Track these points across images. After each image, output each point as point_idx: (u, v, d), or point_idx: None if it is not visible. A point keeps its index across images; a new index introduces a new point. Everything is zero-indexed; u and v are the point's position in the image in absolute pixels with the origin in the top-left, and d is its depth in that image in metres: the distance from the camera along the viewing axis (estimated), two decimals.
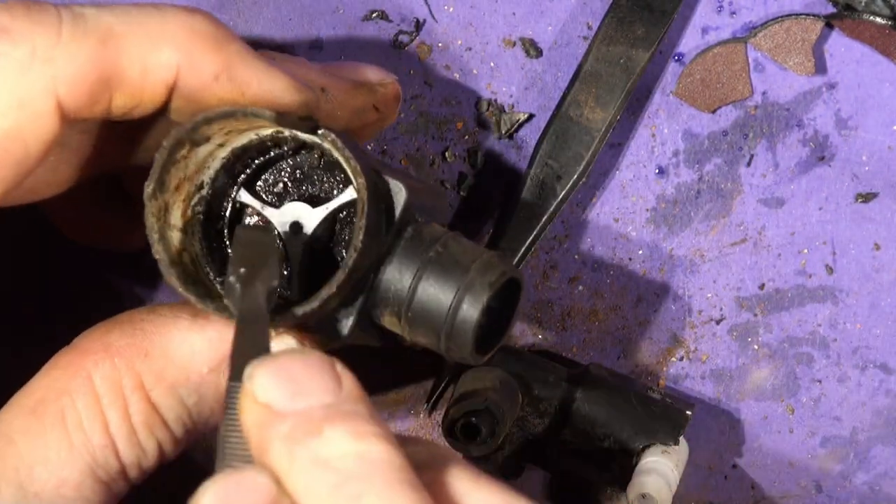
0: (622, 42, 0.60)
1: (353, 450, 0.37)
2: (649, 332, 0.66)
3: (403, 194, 0.46)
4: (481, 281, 0.46)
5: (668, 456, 0.61)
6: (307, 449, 0.37)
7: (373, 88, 0.53)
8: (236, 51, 0.45)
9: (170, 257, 0.45)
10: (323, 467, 0.36)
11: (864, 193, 0.64)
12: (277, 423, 0.37)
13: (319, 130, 0.45)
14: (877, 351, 0.66)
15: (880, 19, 0.60)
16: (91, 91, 0.43)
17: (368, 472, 0.36)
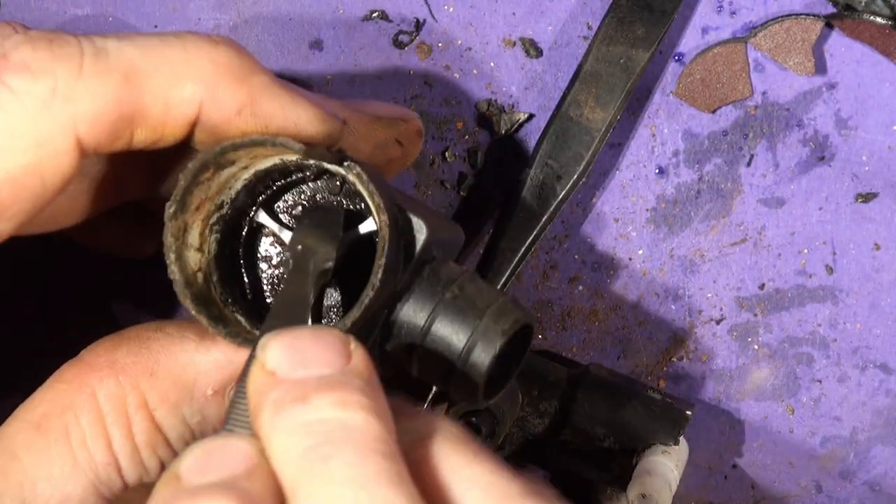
0: (622, 42, 0.60)
1: (334, 416, 0.37)
2: (649, 332, 0.66)
3: (424, 232, 0.46)
4: (495, 328, 0.46)
5: (668, 456, 0.61)
6: (291, 414, 0.37)
7: (394, 122, 0.52)
8: (260, 83, 0.44)
9: (185, 278, 0.45)
10: (301, 431, 0.37)
11: (864, 193, 0.64)
12: (272, 389, 0.38)
13: (346, 162, 0.45)
14: (877, 351, 0.66)
15: (880, 19, 0.60)
16: (112, 129, 0.42)
17: (343, 438, 0.36)
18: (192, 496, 0.35)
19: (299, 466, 0.36)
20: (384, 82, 0.62)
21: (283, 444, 0.37)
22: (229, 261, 0.48)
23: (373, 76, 0.61)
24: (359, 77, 0.61)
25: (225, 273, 0.47)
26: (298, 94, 0.45)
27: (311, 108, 0.45)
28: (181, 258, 0.45)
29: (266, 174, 0.47)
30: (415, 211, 0.47)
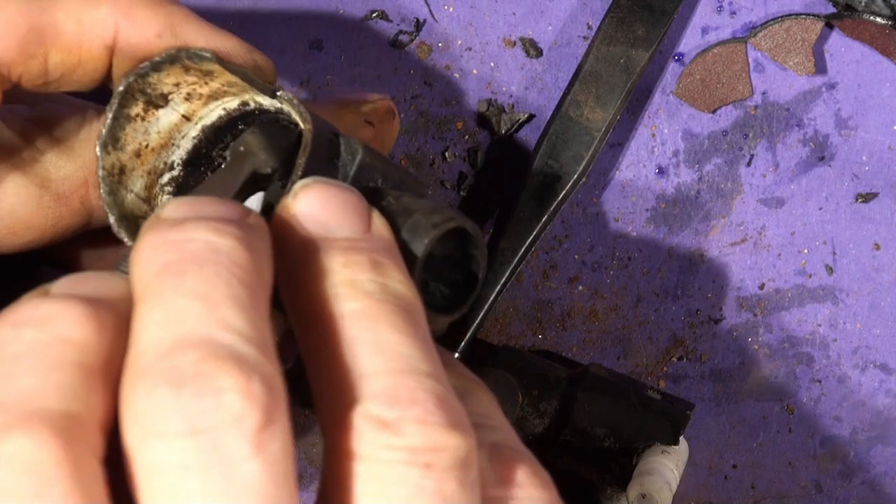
0: (622, 42, 0.60)
1: (207, 238, 0.35)
2: (649, 332, 0.66)
3: (360, 152, 0.44)
4: (426, 222, 0.42)
5: (668, 456, 0.61)
6: (163, 229, 0.35)
7: (359, 104, 0.52)
8: (178, 10, 0.44)
9: (120, 213, 0.45)
10: (170, 246, 0.34)
11: (864, 193, 0.64)
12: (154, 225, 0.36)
13: (278, 92, 0.44)
14: (877, 351, 0.66)
15: (880, 19, 0.60)
16: (23, 42, 0.41)
17: (209, 259, 0.34)
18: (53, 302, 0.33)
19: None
20: (384, 82, 0.62)
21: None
22: None
23: (373, 76, 0.61)
24: (359, 77, 0.61)
25: None
26: (218, 27, 0.45)
27: (235, 38, 0.44)
28: (115, 194, 0.44)
29: (215, 132, 0.46)
30: (361, 143, 0.45)
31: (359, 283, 0.36)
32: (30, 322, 0.33)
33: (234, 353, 0.32)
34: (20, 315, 0.33)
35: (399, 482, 0.33)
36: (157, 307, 0.33)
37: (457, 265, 0.45)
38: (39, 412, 0.31)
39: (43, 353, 0.32)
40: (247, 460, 0.31)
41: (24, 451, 0.30)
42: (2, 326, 0.33)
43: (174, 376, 0.31)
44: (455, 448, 0.33)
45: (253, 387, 0.31)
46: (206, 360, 0.32)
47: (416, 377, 0.34)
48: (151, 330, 0.33)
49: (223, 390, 0.31)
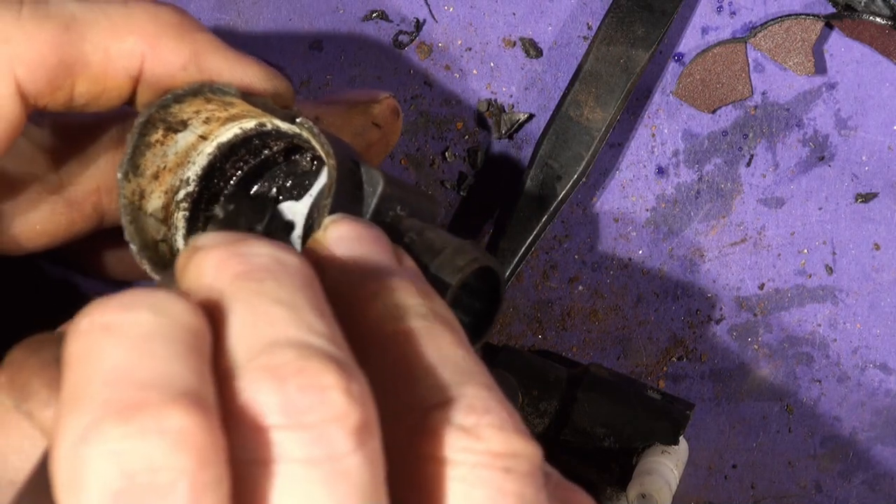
0: (622, 42, 0.60)
1: (270, 252, 0.36)
2: (649, 332, 0.66)
3: (381, 183, 0.45)
4: (451, 265, 0.44)
5: (668, 456, 0.61)
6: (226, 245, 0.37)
7: (367, 106, 0.52)
8: (204, 40, 0.44)
9: (142, 242, 0.45)
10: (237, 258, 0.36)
11: (864, 193, 0.64)
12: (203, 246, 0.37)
13: (297, 119, 0.45)
14: (876, 351, 0.66)
15: (880, 19, 0.60)
16: (51, 75, 0.42)
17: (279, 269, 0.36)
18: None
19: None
20: (384, 82, 0.62)
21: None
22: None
23: (373, 76, 0.61)
24: (359, 77, 0.61)
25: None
26: (244, 53, 0.45)
27: (257, 65, 0.45)
28: (137, 222, 0.45)
29: (231, 149, 0.47)
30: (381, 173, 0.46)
31: (411, 307, 0.38)
32: (144, 306, 0.33)
33: (330, 354, 0.33)
34: (131, 299, 0.34)
35: (483, 484, 0.34)
36: (242, 310, 0.34)
37: (475, 293, 0.46)
38: (186, 392, 0.32)
39: (169, 336, 0.33)
40: (351, 455, 0.32)
41: (182, 427, 0.31)
42: (114, 309, 0.33)
43: (277, 372, 0.33)
44: (531, 455, 0.36)
45: (353, 386, 0.33)
46: (306, 357, 0.33)
47: (484, 389, 0.36)
48: (243, 330, 0.34)
49: (327, 388, 0.33)
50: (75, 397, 0.32)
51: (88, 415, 0.31)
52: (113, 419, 0.31)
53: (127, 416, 0.31)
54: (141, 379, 0.32)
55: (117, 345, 0.33)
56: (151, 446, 0.31)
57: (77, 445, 0.31)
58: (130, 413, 0.31)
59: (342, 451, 0.32)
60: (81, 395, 0.32)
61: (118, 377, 0.32)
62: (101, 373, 0.32)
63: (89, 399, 0.31)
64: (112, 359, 0.32)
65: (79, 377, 0.32)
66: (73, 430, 0.31)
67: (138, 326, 0.33)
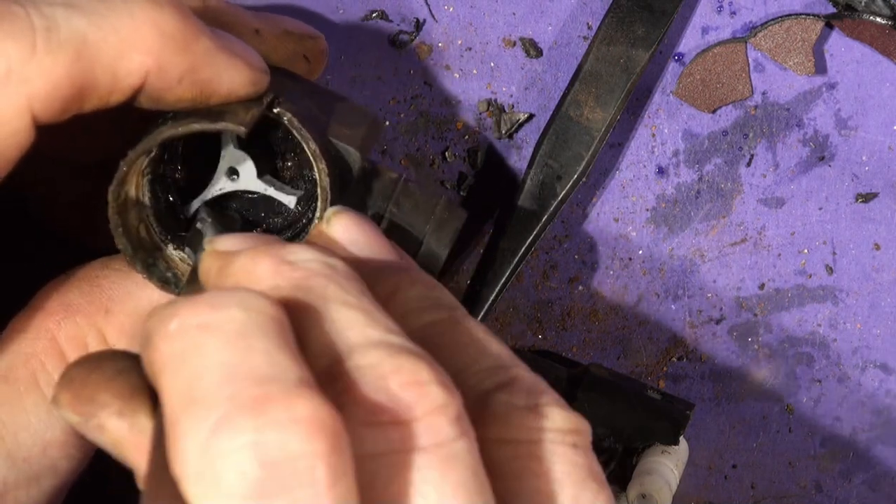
0: (622, 42, 0.60)
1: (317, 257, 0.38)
2: (649, 332, 0.66)
3: (358, 160, 0.47)
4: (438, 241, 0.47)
5: (668, 456, 0.61)
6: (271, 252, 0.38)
7: (302, 38, 0.53)
8: (202, 50, 0.44)
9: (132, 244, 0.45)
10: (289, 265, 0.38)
11: (864, 193, 0.64)
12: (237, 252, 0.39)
13: (276, 109, 0.45)
14: (877, 351, 0.66)
15: (880, 19, 0.60)
16: (65, 104, 0.43)
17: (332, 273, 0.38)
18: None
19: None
20: (384, 82, 0.62)
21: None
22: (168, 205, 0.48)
23: (373, 76, 0.61)
24: (359, 77, 0.61)
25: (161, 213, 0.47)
26: (232, 53, 0.45)
27: (245, 69, 0.45)
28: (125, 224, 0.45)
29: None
30: (339, 128, 0.47)
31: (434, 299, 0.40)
32: (233, 304, 0.35)
33: (413, 351, 0.36)
34: (218, 299, 0.35)
35: (559, 460, 0.37)
36: (318, 315, 0.36)
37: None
38: (303, 381, 0.33)
39: (264, 330, 0.34)
40: (457, 440, 0.35)
41: (312, 415, 0.32)
42: (204, 309, 0.35)
43: (376, 371, 0.35)
44: (588, 430, 0.38)
45: (444, 378, 0.35)
46: (396, 355, 0.35)
47: (525, 370, 0.39)
48: (325, 334, 0.36)
49: (425, 382, 0.35)
50: (192, 397, 0.33)
51: (215, 411, 0.32)
52: (244, 413, 0.32)
53: (257, 409, 0.32)
54: (256, 373, 0.33)
55: (218, 342, 0.34)
56: (287, 435, 0.32)
57: (209, 441, 0.32)
58: (260, 406, 0.32)
59: (449, 438, 0.34)
60: (199, 393, 0.33)
61: (233, 373, 0.33)
62: (212, 370, 0.33)
63: (210, 397, 0.33)
64: (218, 356, 0.34)
65: (188, 377, 0.34)
66: (201, 428, 0.32)
67: (233, 323, 0.34)
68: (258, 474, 0.32)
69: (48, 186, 0.52)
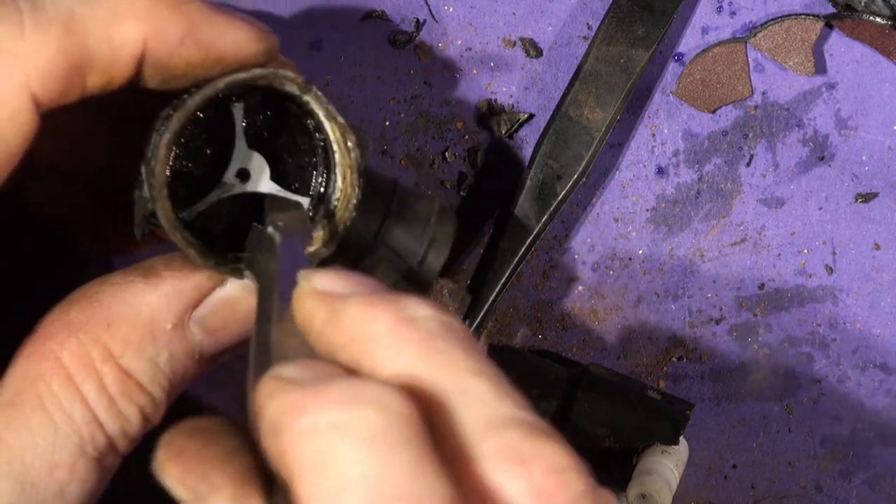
0: (622, 42, 0.60)
1: (435, 315, 0.38)
2: (649, 332, 0.66)
3: (369, 144, 0.47)
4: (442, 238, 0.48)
5: (668, 456, 0.61)
6: (389, 308, 0.37)
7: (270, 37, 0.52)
8: (197, 9, 0.44)
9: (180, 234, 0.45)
10: (409, 324, 0.37)
11: (864, 193, 0.64)
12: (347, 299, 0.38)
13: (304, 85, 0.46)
14: (876, 351, 0.66)
15: (880, 19, 0.60)
16: (63, 79, 0.42)
17: (452, 335, 0.37)
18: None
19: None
20: (384, 82, 0.62)
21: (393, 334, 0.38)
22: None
23: (373, 76, 0.61)
24: (359, 77, 0.61)
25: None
26: (232, 14, 0.46)
27: (247, 27, 0.46)
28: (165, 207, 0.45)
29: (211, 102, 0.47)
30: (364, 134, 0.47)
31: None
32: (366, 402, 0.34)
33: (545, 430, 0.36)
34: (349, 395, 0.35)
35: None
36: (447, 389, 0.36)
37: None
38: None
39: (401, 435, 0.34)
40: None
41: None
42: (336, 406, 0.34)
43: (517, 456, 0.35)
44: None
45: (579, 464, 0.36)
46: (532, 436, 0.35)
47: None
48: (458, 411, 0.36)
49: (566, 469, 0.35)
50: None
51: None
52: None
53: None
54: (400, 492, 0.33)
55: (356, 450, 0.33)
56: None
57: None
58: None
59: None
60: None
61: (376, 492, 0.33)
62: (354, 486, 0.33)
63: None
64: (358, 468, 0.33)
65: (329, 489, 0.33)
66: None
67: (368, 426, 0.34)
68: None
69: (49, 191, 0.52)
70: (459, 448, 0.35)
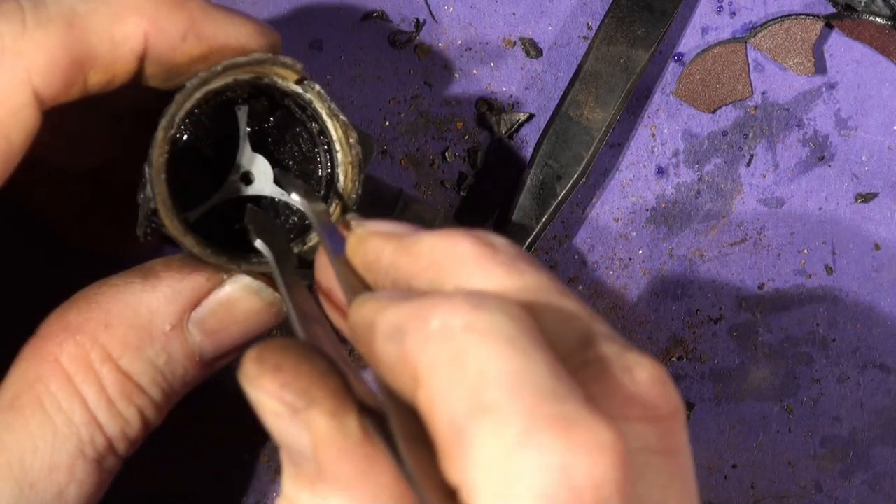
0: (622, 42, 0.60)
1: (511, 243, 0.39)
2: (649, 332, 0.66)
3: (373, 148, 0.47)
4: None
5: None
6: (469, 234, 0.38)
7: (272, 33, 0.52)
8: (197, 6, 0.45)
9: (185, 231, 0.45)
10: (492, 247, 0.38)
11: (864, 193, 0.64)
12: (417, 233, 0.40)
13: (305, 80, 0.45)
14: (876, 351, 0.66)
15: (880, 19, 0.60)
16: (65, 76, 0.43)
17: (531, 261, 0.38)
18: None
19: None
20: (384, 82, 0.62)
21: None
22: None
23: (373, 76, 0.61)
24: (359, 77, 0.61)
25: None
26: (233, 11, 0.46)
27: (249, 23, 0.46)
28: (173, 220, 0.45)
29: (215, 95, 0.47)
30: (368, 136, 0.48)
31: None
32: (493, 308, 0.34)
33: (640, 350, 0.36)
34: (476, 300, 0.35)
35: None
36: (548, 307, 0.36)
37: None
38: (591, 402, 0.33)
39: (534, 339, 0.34)
40: (687, 449, 0.35)
41: (614, 443, 0.33)
42: (467, 310, 0.34)
43: (620, 363, 0.35)
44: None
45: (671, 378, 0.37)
46: (632, 350, 0.36)
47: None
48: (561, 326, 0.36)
49: (667, 382, 0.35)
50: (481, 405, 0.32)
51: (514, 424, 0.32)
52: (549, 432, 0.32)
53: (563, 429, 0.32)
54: (546, 387, 0.32)
55: (494, 348, 0.33)
56: (595, 462, 0.32)
57: (513, 453, 0.31)
58: (565, 426, 0.32)
59: (683, 445, 0.35)
60: (490, 402, 0.32)
61: (522, 384, 0.32)
62: (499, 379, 0.33)
63: (505, 408, 0.32)
64: (499, 365, 0.33)
65: (472, 383, 0.33)
66: (501, 439, 0.32)
67: (501, 328, 0.34)
68: (562, 496, 0.31)
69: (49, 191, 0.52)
70: (564, 357, 0.35)
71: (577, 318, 0.36)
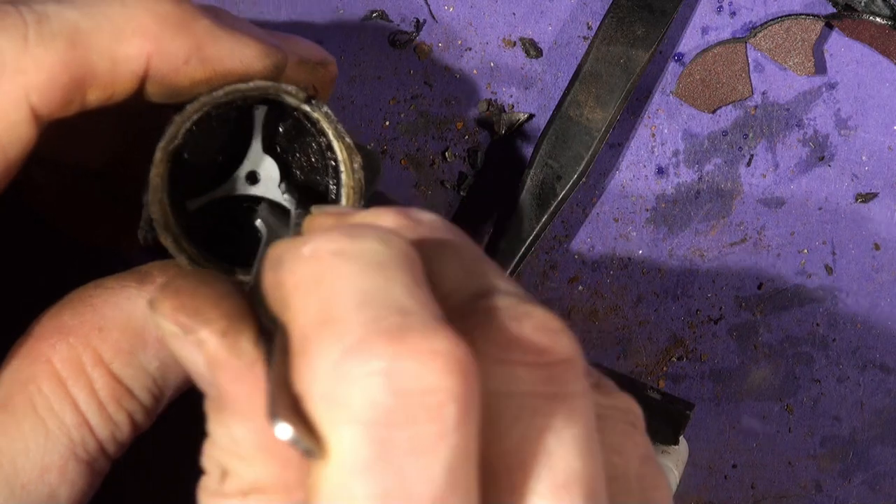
0: (622, 42, 0.60)
1: (438, 217, 0.38)
2: (649, 332, 0.66)
3: (381, 170, 0.47)
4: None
5: (668, 456, 0.61)
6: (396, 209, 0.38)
7: (315, 67, 0.53)
8: (203, 29, 0.44)
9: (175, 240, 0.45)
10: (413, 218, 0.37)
11: (863, 193, 0.64)
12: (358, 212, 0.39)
13: (313, 100, 0.45)
14: (876, 351, 0.66)
15: (880, 19, 0.60)
16: (64, 93, 0.42)
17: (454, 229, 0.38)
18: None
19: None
20: (384, 82, 0.62)
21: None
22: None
23: (373, 76, 0.61)
24: (359, 77, 0.61)
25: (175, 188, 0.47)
26: (240, 32, 0.46)
27: (255, 44, 0.45)
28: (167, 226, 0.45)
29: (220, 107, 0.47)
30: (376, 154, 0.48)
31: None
32: (371, 236, 0.34)
33: (538, 304, 0.35)
34: (357, 230, 0.35)
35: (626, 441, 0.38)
36: (450, 262, 0.36)
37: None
38: (443, 317, 0.33)
39: (403, 265, 0.34)
40: (583, 396, 0.34)
41: (452, 350, 0.32)
42: (342, 238, 0.34)
43: (508, 313, 0.35)
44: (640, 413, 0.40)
45: (571, 331, 0.35)
46: (526, 303, 0.35)
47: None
48: (459, 279, 0.36)
49: (558, 331, 0.34)
50: (326, 317, 0.32)
51: (351, 333, 0.32)
52: (381, 339, 0.31)
53: (396, 337, 0.31)
54: (396, 303, 0.32)
55: (356, 269, 0.33)
56: (424, 368, 0.31)
57: (342, 362, 0.31)
58: (399, 334, 0.31)
59: (577, 391, 0.34)
60: (335, 314, 0.32)
61: (371, 300, 0.32)
62: (350, 294, 0.33)
63: (347, 319, 0.32)
64: (356, 283, 0.33)
65: (324, 297, 0.33)
66: (334, 348, 0.32)
67: (372, 254, 0.34)
68: (388, 403, 0.31)
69: (53, 189, 0.52)
70: (453, 305, 0.35)
71: (479, 275, 0.36)
